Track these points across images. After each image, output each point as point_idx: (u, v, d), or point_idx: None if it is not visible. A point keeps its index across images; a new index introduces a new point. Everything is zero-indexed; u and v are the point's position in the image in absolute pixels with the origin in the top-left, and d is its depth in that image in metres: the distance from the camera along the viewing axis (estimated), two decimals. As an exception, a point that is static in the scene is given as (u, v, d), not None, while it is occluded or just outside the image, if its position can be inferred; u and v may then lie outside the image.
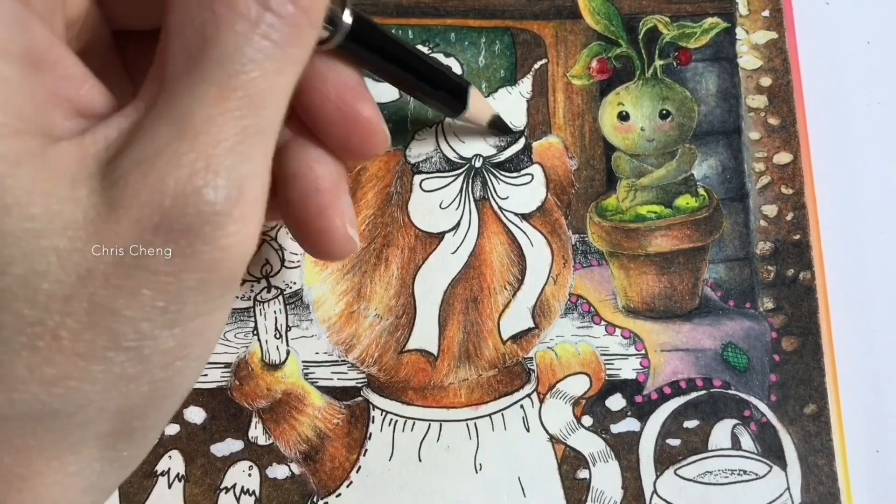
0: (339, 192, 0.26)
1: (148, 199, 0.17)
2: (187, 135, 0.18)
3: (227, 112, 0.18)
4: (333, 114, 0.25)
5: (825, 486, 0.32)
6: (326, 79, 0.24)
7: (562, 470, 0.33)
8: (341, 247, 0.26)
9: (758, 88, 0.37)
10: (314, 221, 0.25)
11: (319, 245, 0.26)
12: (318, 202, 0.25)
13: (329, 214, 0.25)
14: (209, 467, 0.32)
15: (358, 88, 0.25)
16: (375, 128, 0.26)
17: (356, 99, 0.25)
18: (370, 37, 0.26)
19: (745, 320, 0.34)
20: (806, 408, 0.33)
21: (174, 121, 0.18)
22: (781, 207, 0.35)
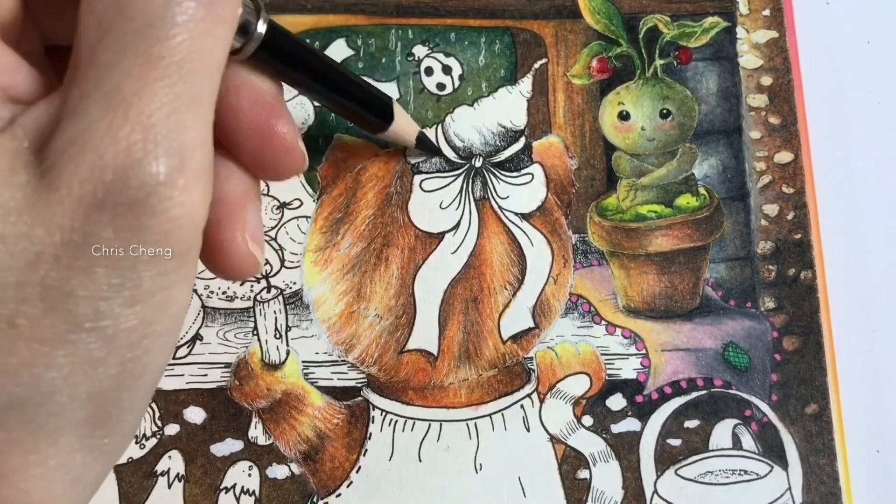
0: (244, 203, 0.24)
1: (88, 175, 0.17)
2: (119, 108, 0.17)
3: (157, 80, 0.17)
4: (246, 129, 0.23)
5: (826, 485, 0.32)
6: (240, 92, 0.24)
7: (562, 470, 0.33)
8: (239, 263, 0.24)
9: (758, 87, 0.37)
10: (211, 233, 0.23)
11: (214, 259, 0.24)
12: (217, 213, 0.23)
13: (227, 227, 0.24)
14: (209, 467, 0.32)
15: (274, 103, 0.24)
16: (290, 145, 0.24)
17: (271, 114, 0.24)
18: (286, 47, 0.25)
19: (746, 320, 0.34)
20: (807, 407, 0.33)
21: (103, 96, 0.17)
22: (782, 206, 0.35)
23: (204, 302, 0.34)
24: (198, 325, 0.34)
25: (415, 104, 0.36)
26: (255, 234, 0.24)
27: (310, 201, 0.35)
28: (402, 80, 0.37)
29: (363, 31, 0.37)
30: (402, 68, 0.37)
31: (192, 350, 0.33)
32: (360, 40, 0.37)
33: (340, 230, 0.35)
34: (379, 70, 0.37)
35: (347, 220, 0.35)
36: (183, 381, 0.33)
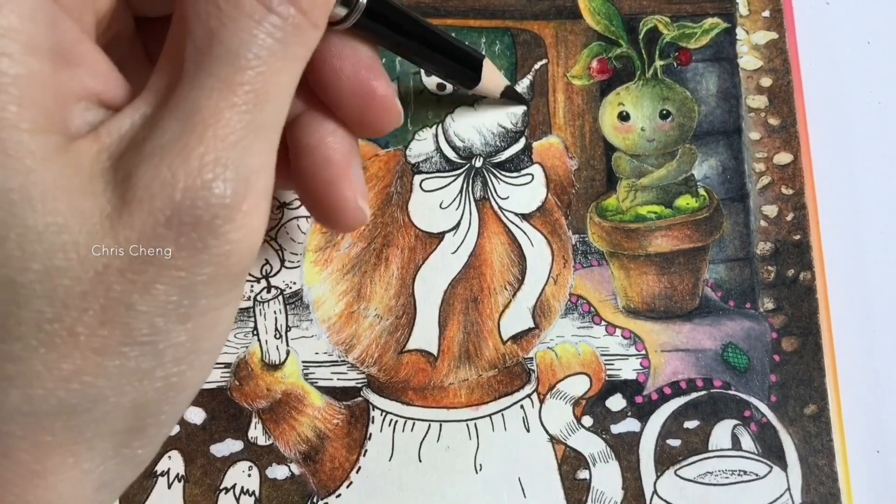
0: (350, 163, 0.26)
1: (159, 191, 0.18)
2: (196, 128, 0.18)
3: (234, 106, 0.18)
4: (348, 90, 0.25)
5: (826, 486, 0.32)
6: (342, 56, 0.25)
7: (562, 470, 0.33)
8: (352, 217, 0.26)
9: (758, 89, 0.37)
10: (325, 192, 0.26)
11: (330, 215, 0.26)
12: (330, 173, 0.25)
13: (340, 185, 0.26)
14: (209, 467, 0.32)
15: (373, 65, 0.26)
16: (390, 104, 0.26)
17: (371, 76, 0.25)
18: (386, 14, 0.26)
19: (745, 321, 0.34)
20: (806, 408, 0.33)
21: (183, 115, 0.18)
22: (782, 208, 0.35)
23: (204, 302, 0.34)
24: (198, 325, 0.34)
25: (415, 104, 0.36)
26: (362, 188, 0.27)
27: (310, 201, 0.35)
28: (402, 80, 0.36)
29: (363, 31, 0.37)
30: (403, 68, 0.37)
31: (191, 350, 0.33)
32: (361, 40, 0.37)
33: (340, 230, 0.35)
34: (379, 70, 0.36)
35: (347, 221, 0.35)
36: (183, 381, 0.33)
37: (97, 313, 0.18)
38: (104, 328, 0.18)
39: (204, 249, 0.18)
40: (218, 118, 0.18)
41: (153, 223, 0.18)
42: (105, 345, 0.18)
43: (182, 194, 0.18)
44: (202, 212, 0.18)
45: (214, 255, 0.18)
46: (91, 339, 0.18)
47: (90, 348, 0.18)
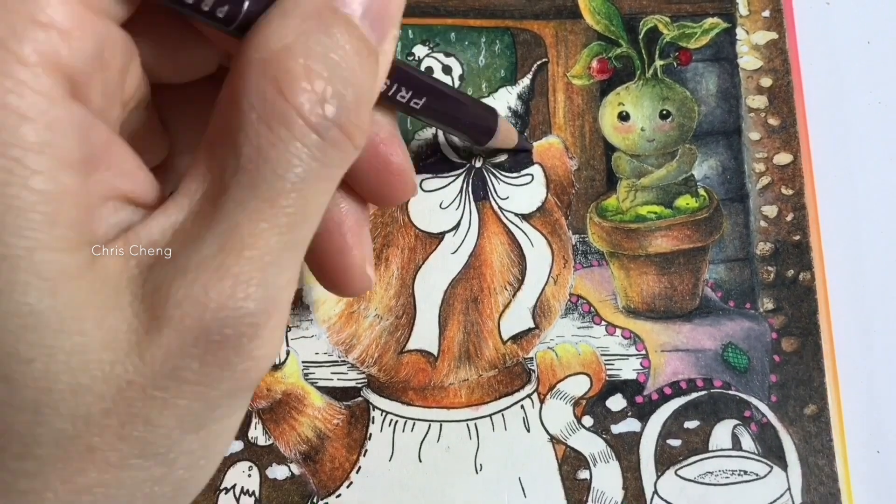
0: (362, 228, 0.25)
1: (190, 310, 0.17)
2: (234, 248, 0.18)
3: (274, 227, 0.18)
4: (365, 164, 0.24)
5: (826, 486, 0.32)
6: None
7: (562, 470, 0.33)
8: (359, 284, 0.26)
9: (758, 89, 0.37)
10: (335, 259, 0.25)
11: (337, 282, 0.26)
12: (342, 240, 0.25)
13: (351, 253, 0.25)
14: (209, 468, 0.32)
15: (391, 138, 0.25)
16: (406, 178, 0.25)
17: (390, 150, 0.25)
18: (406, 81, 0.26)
19: (745, 321, 0.34)
20: (806, 408, 0.33)
21: (222, 232, 0.18)
22: (781, 208, 0.35)
23: (204, 302, 0.34)
24: (197, 325, 0.34)
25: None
26: (370, 254, 0.26)
27: (310, 201, 0.35)
28: (402, 79, 0.36)
29: (364, 31, 0.37)
30: (403, 68, 0.37)
31: (191, 350, 0.33)
32: (361, 40, 0.37)
33: (340, 230, 0.35)
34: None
35: (347, 220, 0.35)
36: (182, 381, 0.33)
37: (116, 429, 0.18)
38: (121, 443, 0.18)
39: (227, 367, 0.18)
40: (256, 238, 0.18)
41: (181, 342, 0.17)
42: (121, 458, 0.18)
43: (213, 314, 0.17)
44: (230, 331, 0.18)
45: (236, 371, 0.18)
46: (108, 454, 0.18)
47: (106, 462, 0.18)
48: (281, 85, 0.18)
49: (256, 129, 0.18)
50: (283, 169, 0.18)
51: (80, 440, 0.17)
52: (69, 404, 0.17)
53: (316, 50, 0.18)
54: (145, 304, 0.17)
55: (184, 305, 0.17)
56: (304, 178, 0.18)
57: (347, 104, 0.19)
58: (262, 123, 0.18)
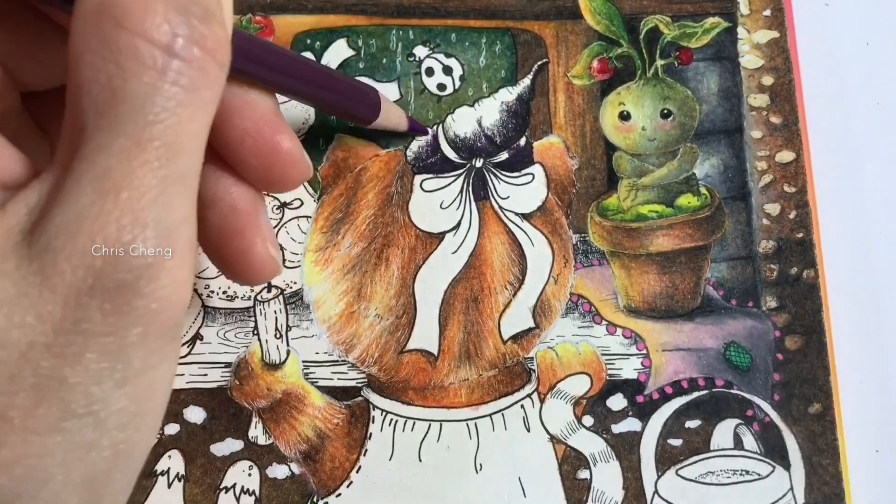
0: (258, 211, 0.25)
1: (79, 262, 0.17)
2: (109, 192, 0.17)
3: (146, 164, 0.17)
4: (251, 148, 0.24)
5: (829, 486, 0.32)
6: (243, 113, 0.24)
7: (562, 470, 0.32)
8: (263, 268, 0.25)
9: (759, 87, 0.37)
10: (233, 243, 0.24)
11: (239, 267, 0.25)
12: (237, 223, 0.24)
13: (248, 235, 0.24)
14: (209, 467, 0.32)
15: (275, 120, 0.24)
16: (296, 159, 0.25)
17: (274, 131, 0.24)
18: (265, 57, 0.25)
19: (747, 319, 0.34)
20: (810, 407, 0.33)
21: (94, 179, 0.17)
22: (784, 206, 0.35)
23: (204, 302, 0.34)
24: (198, 324, 0.34)
25: (416, 105, 0.36)
26: (271, 237, 0.25)
27: (310, 201, 0.35)
28: (402, 80, 0.37)
29: (364, 32, 0.37)
30: (403, 69, 0.37)
31: (192, 350, 0.33)
32: (361, 41, 0.37)
33: (341, 230, 0.35)
34: (380, 70, 0.37)
35: (348, 220, 0.35)
36: (183, 380, 0.33)
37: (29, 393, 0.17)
38: (39, 407, 0.17)
39: (130, 312, 0.18)
40: (131, 178, 0.17)
41: (76, 293, 0.17)
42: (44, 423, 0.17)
43: (103, 261, 0.17)
44: (125, 275, 0.17)
45: (142, 315, 0.18)
46: (27, 421, 0.17)
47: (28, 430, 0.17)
48: (119, 19, 0.17)
49: (105, 71, 0.17)
50: (142, 102, 0.17)
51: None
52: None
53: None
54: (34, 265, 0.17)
55: (73, 259, 0.17)
56: (167, 108, 0.18)
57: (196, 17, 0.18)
58: (108, 63, 0.17)
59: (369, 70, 0.37)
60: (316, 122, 0.36)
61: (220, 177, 0.24)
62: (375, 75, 0.37)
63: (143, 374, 0.18)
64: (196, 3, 0.18)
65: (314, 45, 0.37)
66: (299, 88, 0.28)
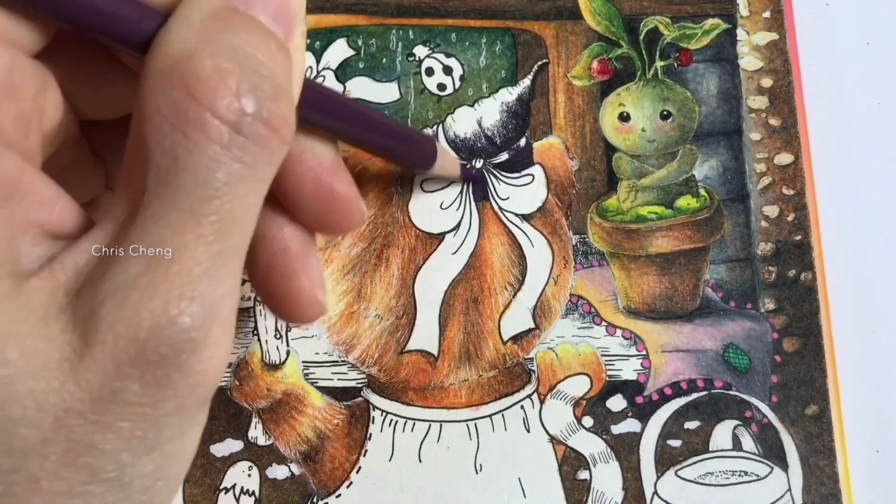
0: (308, 253, 0.24)
1: (123, 332, 0.17)
2: (160, 264, 0.17)
3: (200, 238, 0.17)
4: (310, 193, 0.24)
5: (826, 487, 0.32)
6: (303, 159, 0.24)
7: (562, 471, 0.32)
8: (309, 310, 0.25)
9: (759, 89, 0.37)
10: (282, 284, 0.24)
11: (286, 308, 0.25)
12: (287, 265, 0.24)
13: (298, 277, 0.24)
14: (209, 467, 0.32)
15: (334, 167, 0.24)
16: (353, 206, 0.24)
17: (333, 179, 0.24)
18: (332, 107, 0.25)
19: (746, 321, 0.34)
20: (807, 409, 0.33)
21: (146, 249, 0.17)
22: (783, 208, 0.35)
23: (204, 302, 0.34)
24: (198, 324, 0.34)
25: (415, 104, 0.36)
26: (320, 279, 0.25)
27: (310, 201, 0.35)
28: (402, 80, 0.37)
29: (364, 32, 0.37)
30: (403, 69, 0.37)
31: (192, 350, 0.33)
32: (361, 40, 0.37)
33: (341, 230, 0.35)
34: (379, 70, 0.37)
35: (348, 221, 0.35)
36: (183, 381, 0.33)
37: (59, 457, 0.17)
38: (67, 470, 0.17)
39: (169, 385, 0.17)
40: (183, 252, 0.17)
41: (117, 364, 0.17)
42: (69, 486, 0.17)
43: (147, 333, 0.17)
44: (167, 349, 0.17)
45: (180, 388, 0.18)
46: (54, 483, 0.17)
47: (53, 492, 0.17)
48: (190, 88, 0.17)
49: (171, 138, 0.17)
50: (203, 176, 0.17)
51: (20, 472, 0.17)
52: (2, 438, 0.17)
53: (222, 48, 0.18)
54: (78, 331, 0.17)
55: (116, 328, 0.17)
56: (228, 183, 0.18)
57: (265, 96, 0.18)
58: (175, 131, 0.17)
59: (369, 70, 0.37)
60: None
61: (274, 217, 0.24)
62: (375, 75, 0.36)
63: (171, 440, 0.18)
64: (268, 80, 0.18)
65: (314, 45, 0.37)
66: (361, 137, 0.28)
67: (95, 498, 0.18)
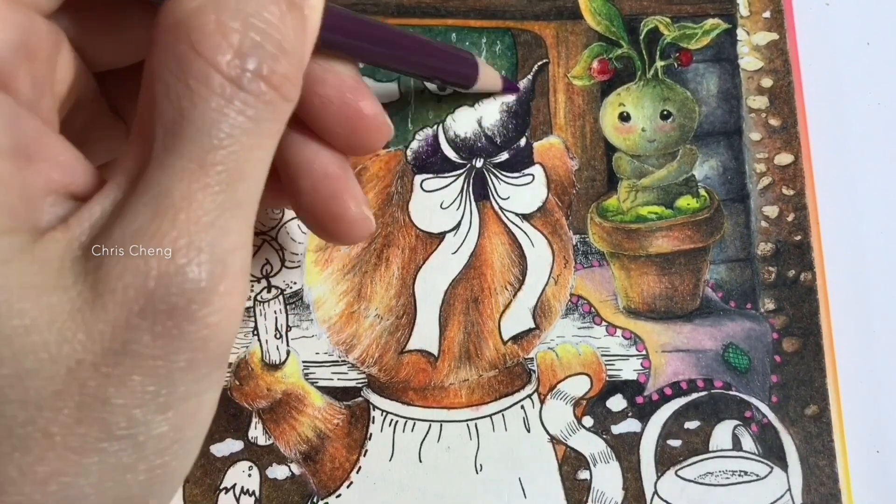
0: (347, 174, 0.25)
1: (132, 281, 0.17)
2: (167, 213, 0.17)
3: (207, 187, 0.18)
4: (336, 115, 0.24)
5: (826, 487, 0.32)
6: (325, 81, 0.24)
7: (562, 471, 0.33)
8: (358, 228, 0.26)
9: (759, 89, 0.37)
10: (327, 207, 0.25)
11: (336, 229, 0.26)
12: (329, 187, 0.25)
13: (343, 197, 0.25)
14: (209, 467, 0.32)
15: (357, 86, 0.25)
16: (380, 122, 0.25)
17: (357, 98, 0.25)
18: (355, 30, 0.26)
19: (746, 321, 0.34)
20: (807, 409, 0.33)
21: (154, 198, 0.17)
22: (782, 208, 0.35)
23: (204, 302, 0.34)
24: (198, 324, 0.34)
25: (416, 104, 0.36)
26: (362, 197, 0.26)
27: (310, 201, 0.35)
28: (402, 80, 0.36)
29: (364, 31, 0.37)
30: (403, 68, 0.37)
31: (192, 350, 0.33)
32: (362, 40, 0.37)
33: (341, 230, 0.35)
34: (379, 70, 0.36)
35: (348, 220, 0.35)
36: (183, 380, 0.33)
37: (72, 411, 0.17)
38: (80, 426, 0.17)
39: (180, 336, 0.17)
40: (190, 200, 0.17)
41: (127, 314, 0.17)
42: (83, 443, 0.17)
43: (156, 282, 0.17)
44: (177, 298, 0.17)
45: (192, 340, 0.18)
46: (67, 439, 0.17)
47: (67, 447, 0.17)
48: (195, 43, 0.18)
49: (176, 90, 0.18)
50: (208, 127, 0.18)
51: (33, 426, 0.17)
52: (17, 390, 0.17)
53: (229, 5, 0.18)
54: (89, 281, 0.17)
55: (125, 277, 0.17)
56: (231, 135, 0.18)
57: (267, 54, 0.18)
58: (180, 83, 0.18)
59: (369, 70, 0.36)
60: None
61: (307, 144, 0.25)
62: (376, 75, 0.36)
63: (186, 400, 0.18)
64: (271, 39, 0.18)
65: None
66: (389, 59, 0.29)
67: (110, 456, 0.18)
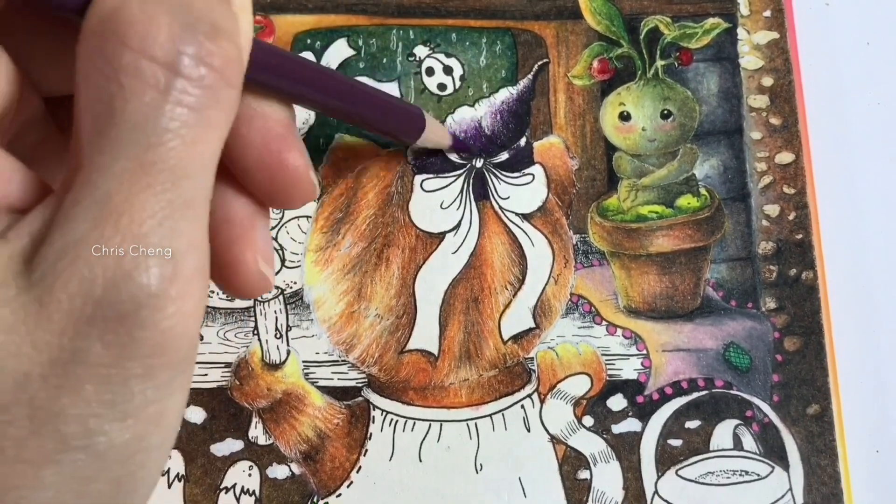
0: (254, 225, 0.23)
1: (78, 290, 0.16)
2: (110, 217, 0.16)
3: (149, 188, 0.17)
4: (257, 161, 0.22)
5: (828, 486, 0.32)
6: (251, 123, 0.22)
7: (563, 470, 0.32)
8: (251, 284, 0.23)
9: (759, 88, 0.37)
10: (224, 254, 0.23)
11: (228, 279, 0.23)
12: (229, 234, 0.23)
13: (240, 247, 0.23)
14: (209, 467, 0.32)
15: (285, 134, 0.23)
16: (302, 178, 0.23)
17: (283, 147, 0.23)
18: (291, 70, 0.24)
19: (747, 320, 0.34)
20: (809, 408, 0.33)
21: (94, 203, 0.17)
22: (783, 207, 0.35)
23: (204, 301, 0.34)
24: (198, 324, 0.34)
25: (416, 104, 0.36)
26: (266, 253, 0.24)
27: (311, 201, 0.35)
28: (403, 80, 0.37)
29: (364, 32, 0.37)
30: (403, 68, 0.37)
31: (192, 349, 0.33)
32: (361, 40, 0.37)
33: (341, 230, 0.35)
34: (380, 70, 0.37)
35: (348, 220, 0.35)
36: (183, 380, 0.33)
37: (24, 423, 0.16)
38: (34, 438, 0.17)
39: (133, 343, 0.17)
40: (132, 202, 0.16)
41: (75, 323, 0.16)
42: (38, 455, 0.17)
43: (102, 289, 0.16)
44: (126, 305, 0.16)
45: (146, 347, 0.17)
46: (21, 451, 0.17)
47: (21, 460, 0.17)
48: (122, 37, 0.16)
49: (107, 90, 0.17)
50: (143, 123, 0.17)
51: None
52: None
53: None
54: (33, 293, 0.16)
55: (69, 286, 0.16)
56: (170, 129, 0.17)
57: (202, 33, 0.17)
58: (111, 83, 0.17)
59: (369, 70, 0.37)
60: (316, 122, 0.36)
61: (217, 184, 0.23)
62: (376, 75, 0.37)
63: (146, 407, 0.18)
64: (204, 18, 0.17)
65: (314, 45, 0.37)
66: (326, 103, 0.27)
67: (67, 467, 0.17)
